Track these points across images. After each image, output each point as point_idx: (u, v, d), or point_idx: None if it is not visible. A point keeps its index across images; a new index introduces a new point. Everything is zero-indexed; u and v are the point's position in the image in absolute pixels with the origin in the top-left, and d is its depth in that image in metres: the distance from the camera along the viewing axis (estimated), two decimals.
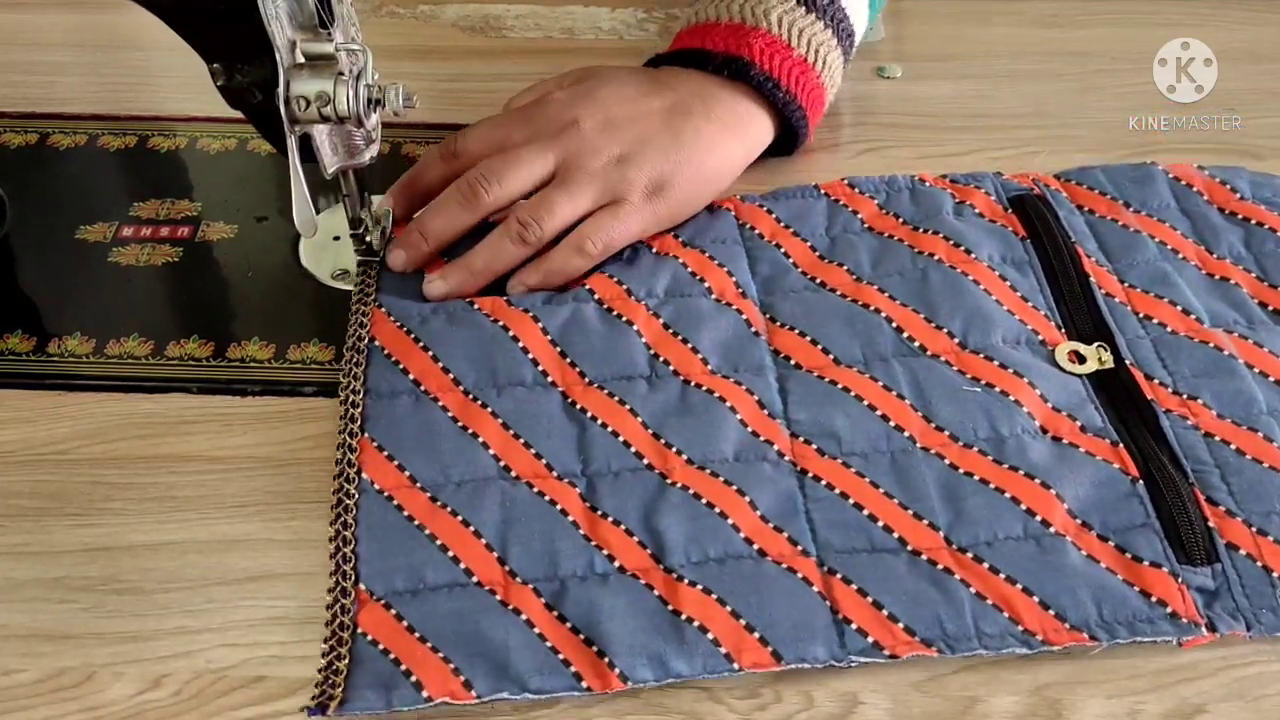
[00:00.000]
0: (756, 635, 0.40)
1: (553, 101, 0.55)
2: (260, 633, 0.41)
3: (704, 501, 0.44)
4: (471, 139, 0.54)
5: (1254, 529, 0.43)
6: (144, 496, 0.45)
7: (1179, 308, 0.52)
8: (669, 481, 0.45)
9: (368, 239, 0.53)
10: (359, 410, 0.47)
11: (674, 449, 0.46)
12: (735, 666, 0.39)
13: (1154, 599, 0.41)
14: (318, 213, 0.47)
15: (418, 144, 0.62)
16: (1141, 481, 0.45)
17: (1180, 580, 0.42)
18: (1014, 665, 0.40)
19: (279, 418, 0.48)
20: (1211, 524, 0.43)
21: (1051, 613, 0.41)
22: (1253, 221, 0.57)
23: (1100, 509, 0.44)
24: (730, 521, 0.43)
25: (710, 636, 0.40)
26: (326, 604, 0.41)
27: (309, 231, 0.47)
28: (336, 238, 0.56)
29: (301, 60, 0.45)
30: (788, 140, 0.59)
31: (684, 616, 0.40)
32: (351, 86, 0.44)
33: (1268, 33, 0.71)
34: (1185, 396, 0.48)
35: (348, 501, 0.44)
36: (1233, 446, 0.46)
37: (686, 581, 0.42)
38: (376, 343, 0.49)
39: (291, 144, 0.45)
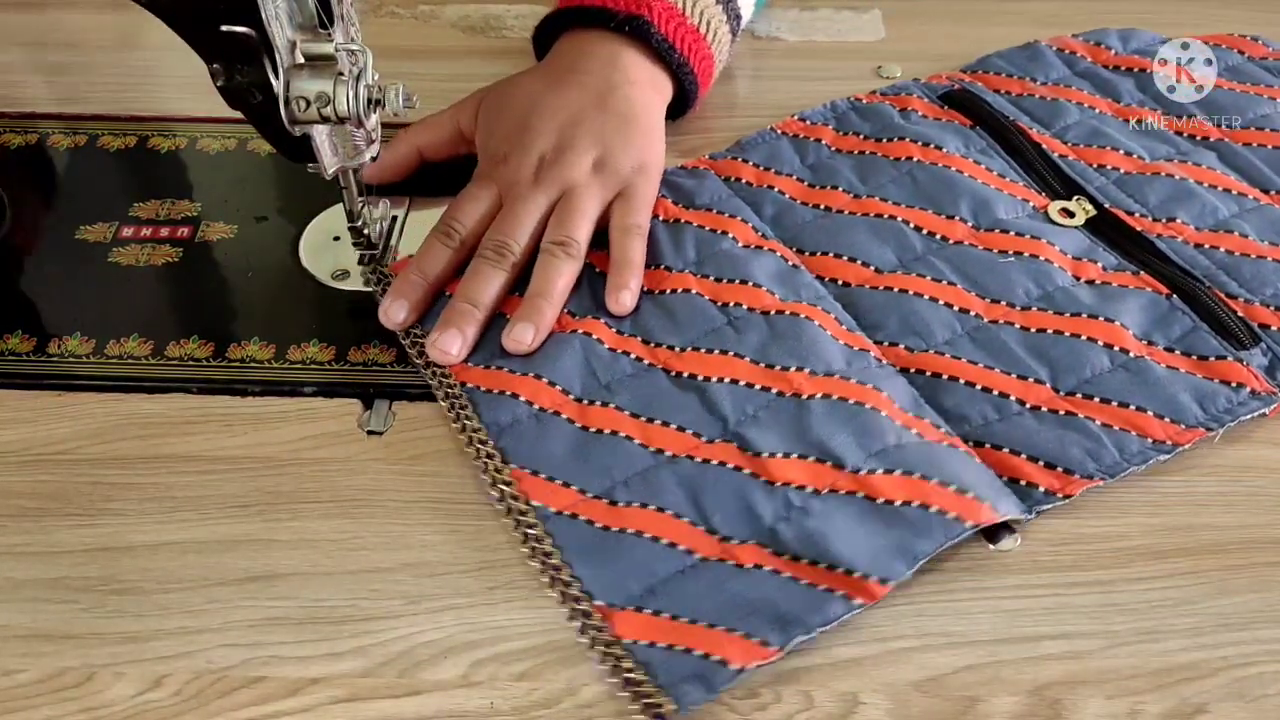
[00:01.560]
0: (970, 495, 0.42)
1: (507, 159, 0.55)
2: (260, 633, 0.41)
3: (851, 402, 0.46)
4: (464, 218, 0.53)
5: (1271, 308, 0.52)
6: (144, 496, 0.45)
7: (1121, 152, 0.60)
8: (805, 398, 0.47)
9: (365, 231, 0.53)
10: (489, 446, 0.46)
11: (791, 369, 0.48)
12: (968, 525, 0.42)
13: (1234, 385, 0.48)
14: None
15: None
16: (1174, 295, 0.51)
17: (1245, 363, 0.48)
18: (1014, 665, 0.40)
19: (279, 418, 0.48)
20: (1239, 313, 0.51)
21: (1168, 420, 0.47)
22: (1135, 70, 0.66)
23: (1155, 327, 0.51)
24: (883, 414, 0.46)
25: (934, 508, 0.42)
26: (577, 630, 0.40)
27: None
28: (336, 238, 0.56)
29: (301, 60, 0.45)
30: (675, 108, 0.62)
31: (898, 503, 0.42)
32: (351, 87, 0.45)
33: (1267, 33, 0.70)
34: (1165, 221, 0.56)
35: (534, 532, 0.43)
36: (1221, 250, 0.54)
37: (880, 472, 0.43)
38: (469, 385, 0.48)
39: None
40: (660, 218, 0.56)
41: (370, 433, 0.48)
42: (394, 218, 0.57)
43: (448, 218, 0.53)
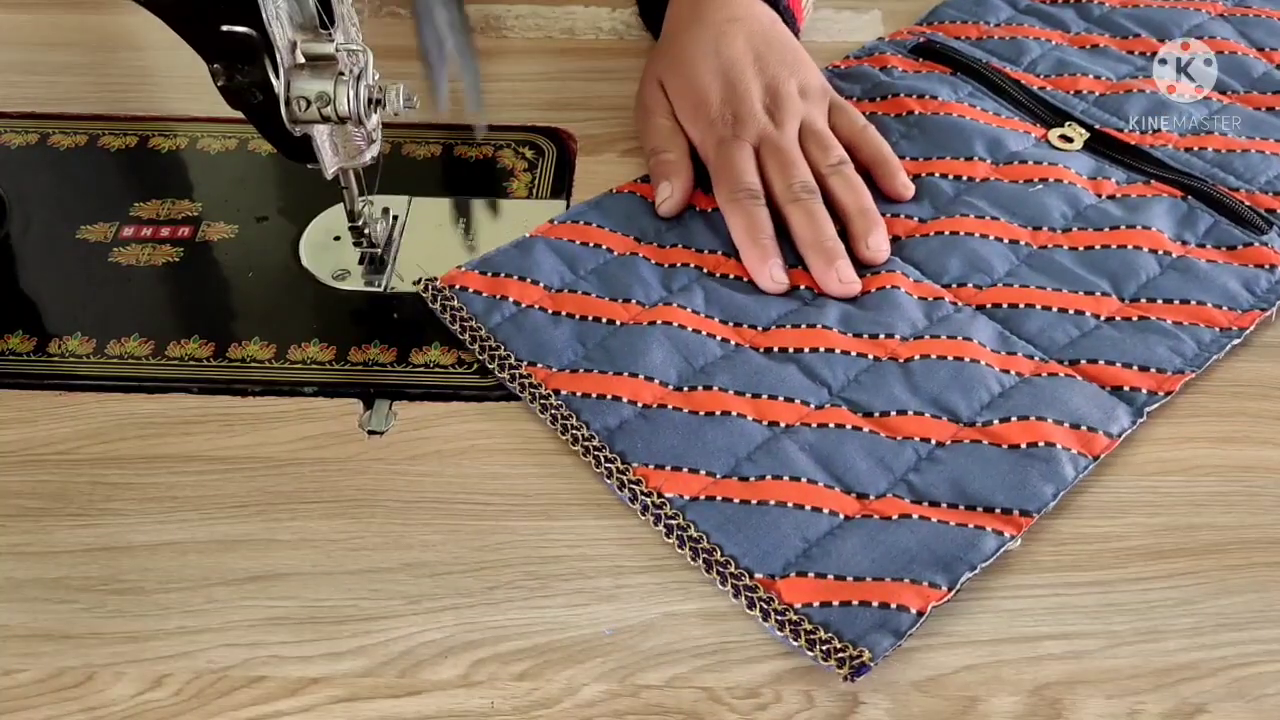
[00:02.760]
0: (1084, 428, 0.45)
1: (740, 117, 0.57)
2: (260, 633, 0.41)
3: (949, 359, 0.48)
4: (746, 176, 0.55)
5: (1270, 194, 0.55)
6: (144, 496, 0.45)
7: (1090, 76, 0.63)
8: (901, 360, 0.48)
9: (365, 230, 0.53)
10: (607, 451, 0.45)
11: (880, 336, 0.49)
12: (1091, 458, 0.45)
13: (1267, 266, 0.52)
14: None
15: (418, 144, 0.62)
16: (1188, 197, 0.55)
17: (1269, 246, 0.53)
18: (1014, 665, 0.40)
19: (279, 418, 0.48)
20: (1247, 203, 0.54)
21: (1226, 309, 0.50)
22: (1072, 1, 0.70)
23: (1183, 228, 0.54)
24: (982, 362, 0.48)
25: (1058, 446, 0.44)
26: (744, 607, 0.41)
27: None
28: (337, 238, 0.56)
29: (302, 60, 0.45)
30: None
31: (1022, 446, 0.44)
32: (352, 87, 0.45)
33: None
34: (1151, 133, 0.60)
35: (674, 521, 0.43)
36: (1210, 150, 0.58)
37: (996, 422, 0.45)
38: (563, 391, 0.47)
39: None
40: (699, 209, 0.56)
41: (371, 433, 0.48)
42: (394, 218, 0.57)
43: (738, 181, 0.55)
